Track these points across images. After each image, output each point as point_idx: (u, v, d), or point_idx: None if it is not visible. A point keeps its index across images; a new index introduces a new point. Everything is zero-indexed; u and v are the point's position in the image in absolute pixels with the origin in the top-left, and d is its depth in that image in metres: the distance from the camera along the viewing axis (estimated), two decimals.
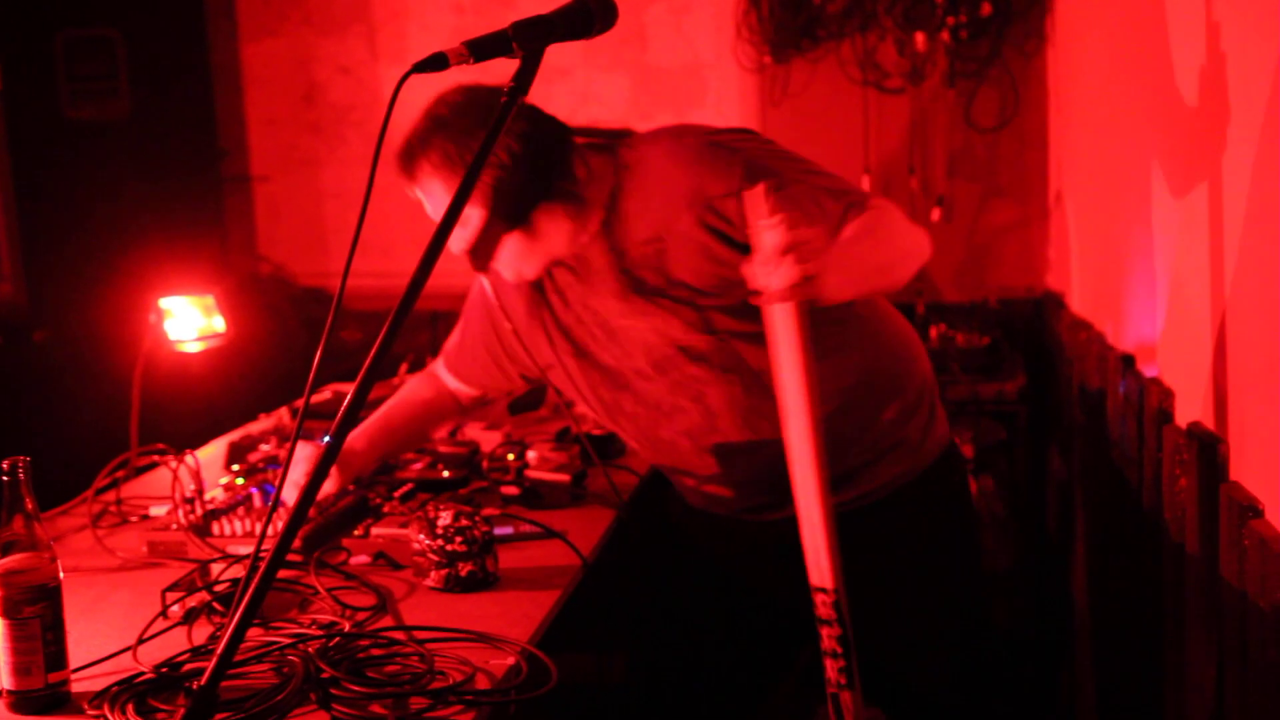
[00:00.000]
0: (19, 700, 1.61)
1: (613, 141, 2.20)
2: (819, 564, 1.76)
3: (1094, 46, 3.15)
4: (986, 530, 3.78)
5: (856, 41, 4.31)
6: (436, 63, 1.54)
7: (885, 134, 4.35)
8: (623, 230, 2.14)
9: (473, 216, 2.09)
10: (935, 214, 4.36)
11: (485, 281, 2.37)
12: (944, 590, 2.31)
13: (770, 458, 2.09)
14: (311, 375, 1.55)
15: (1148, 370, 2.33)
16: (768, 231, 1.70)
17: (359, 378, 1.36)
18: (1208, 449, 1.74)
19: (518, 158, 2.06)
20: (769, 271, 1.70)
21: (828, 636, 1.79)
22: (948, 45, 4.20)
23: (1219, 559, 1.66)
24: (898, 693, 2.36)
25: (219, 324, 2.91)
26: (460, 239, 2.11)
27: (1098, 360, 2.78)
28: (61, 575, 1.64)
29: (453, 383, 2.55)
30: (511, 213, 2.08)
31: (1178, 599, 1.94)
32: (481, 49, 1.56)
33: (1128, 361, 2.47)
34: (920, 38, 4.19)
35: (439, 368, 2.57)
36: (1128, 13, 2.55)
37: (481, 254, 2.14)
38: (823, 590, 1.77)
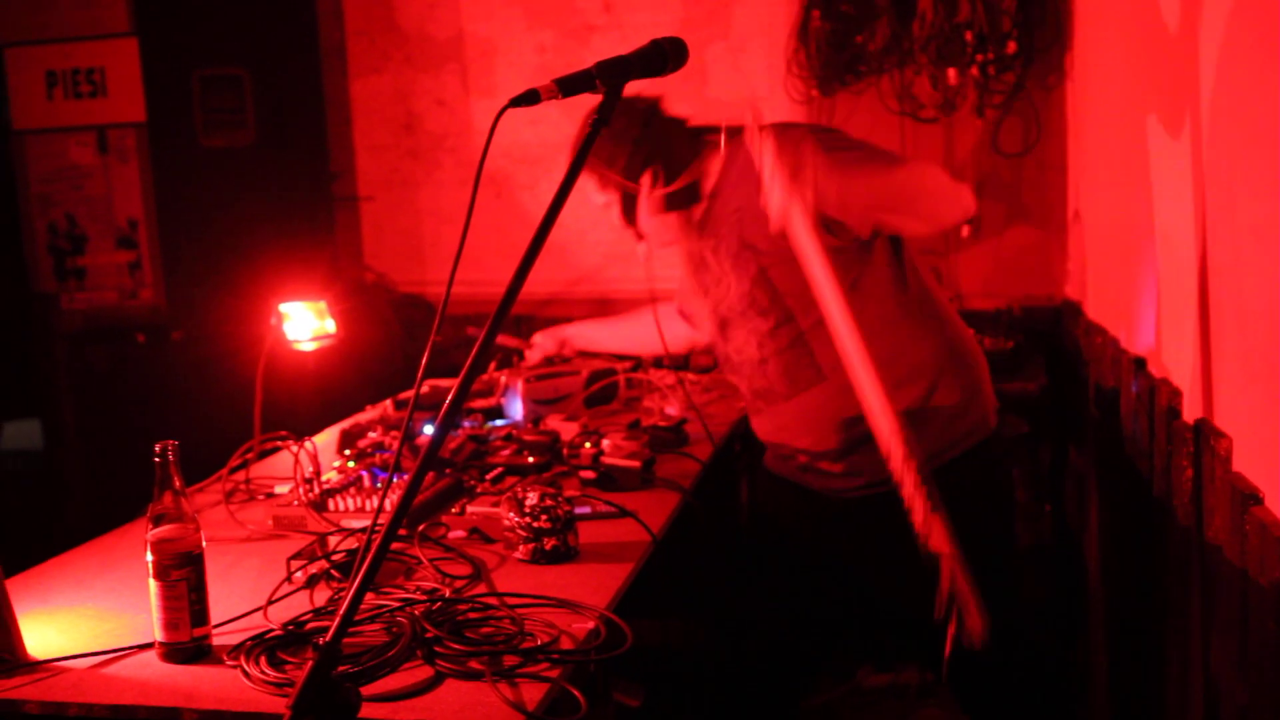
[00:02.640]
0: (169, 651, 1.66)
1: (725, 132, 2.38)
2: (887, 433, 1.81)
3: (1108, 81, 3.12)
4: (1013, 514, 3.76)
5: (895, 76, 4.29)
6: (529, 98, 1.55)
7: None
8: (720, 203, 2.34)
9: (612, 204, 2.37)
10: (965, 231, 4.33)
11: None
12: (978, 568, 2.30)
13: (805, 408, 2.16)
14: (421, 371, 1.57)
15: (1157, 371, 2.31)
16: (763, 158, 1.82)
17: (464, 370, 1.37)
18: (1212, 443, 1.73)
19: (660, 172, 2.33)
20: (771, 191, 1.83)
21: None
22: (977, 80, 4.17)
23: (1222, 542, 1.66)
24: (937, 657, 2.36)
25: (330, 326, 2.94)
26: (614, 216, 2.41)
27: (1112, 362, 2.76)
28: (204, 544, 1.68)
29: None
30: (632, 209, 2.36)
31: (1183, 577, 1.93)
32: (569, 86, 1.57)
33: (1139, 364, 2.45)
34: (952, 73, 4.17)
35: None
36: (1138, 52, 2.53)
37: (632, 231, 2.42)
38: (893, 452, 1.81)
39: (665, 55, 1.63)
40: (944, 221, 2.18)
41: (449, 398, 1.36)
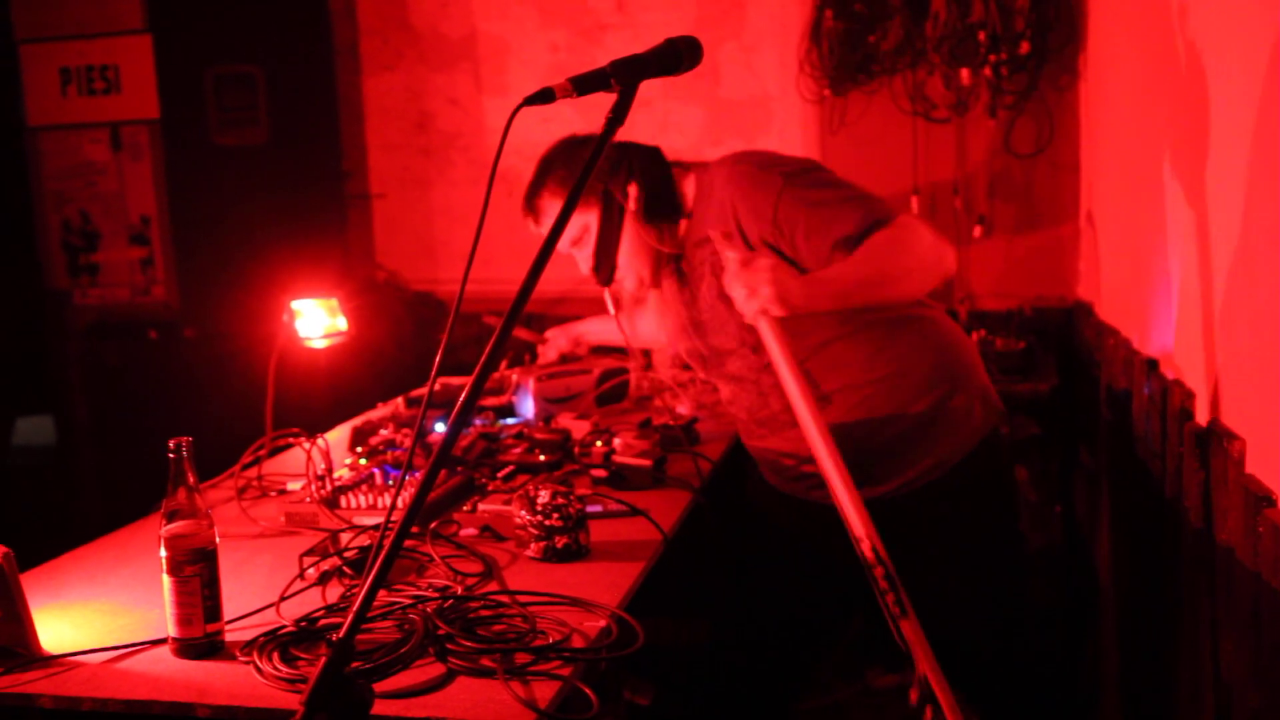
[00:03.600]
0: (182, 646, 1.66)
1: (693, 166, 2.37)
2: (855, 523, 1.88)
3: (1121, 82, 3.12)
4: (1021, 514, 3.76)
5: (907, 76, 4.28)
6: (544, 96, 1.54)
7: (933, 159, 4.33)
8: (691, 236, 2.31)
9: (590, 227, 2.30)
10: (977, 231, 4.32)
11: None
12: (985, 569, 2.30)
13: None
14: (434, 370, 1.57)
15: (1169, 373, 2.30)
16: (729, 263, 1.94)
17: (477, 369, 1.37)
18: (1225, 445, 1.73)
19: (644, 183, 2.28)
20: (736, 298, 1.93)
21: (881, 577, 1.89)
22: (990, 80, 4.16)
23: (1234, 544, 1.65)
24: (945, 662, 2.36)
25: (342, 323, 2.94)
26: (584, 259, 2.34)
27: (1124, 363, 2.75)
28: (218, 540, 1.69)
29: None
30: (653, 218, 2.30)
31: (1195, 580, 1.92)
32: (583, 84, 1.56)
33: (1151, 365, 2.44)
34: (965, 73, 4.16)
35: None
36: (1151, 52, 2.52)
37: (604, 267, 2.33)
38: (861, 540, 1.89)
39: (680, 54, 1.63)
40: (919, 294, 2.19)
41: (461, 396, 1.36)
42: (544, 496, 2.05)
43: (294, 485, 2.51)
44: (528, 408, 3.02)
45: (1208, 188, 1.96)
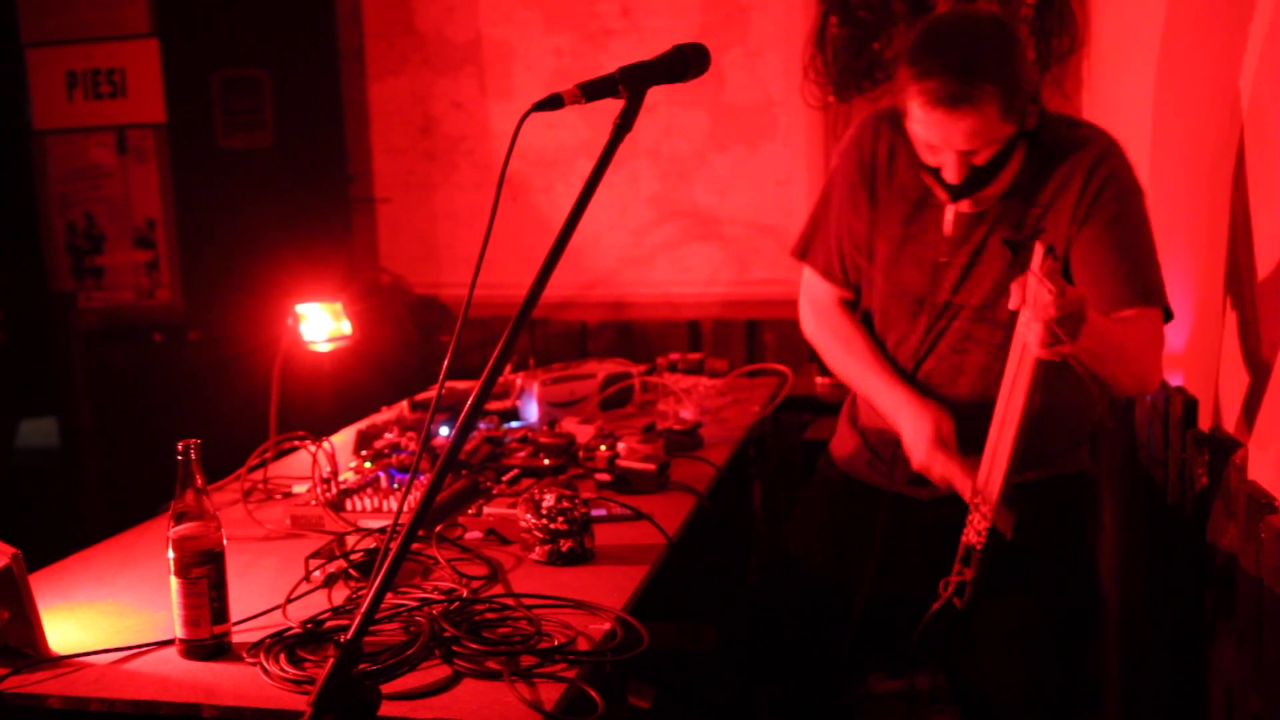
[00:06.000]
0: (189, 648, 1.67)
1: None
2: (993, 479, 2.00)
3: (1126, 88, 3.13)
4: None
5: None
6: (553, 102, 1.55)
7: None
8: (1029, 190, 2.16)
9: (1002, 138, 2.03)
10: None
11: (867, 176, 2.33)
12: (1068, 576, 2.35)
13: (980, 427, 2.11)
14: (443, 373, 1.58)
15: (1173, 379, 2.31)
16: (1041, 292, 1.72)
17: (484, 375, 1.38)
18: (1228, 451, 1.74)
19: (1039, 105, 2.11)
20: (1029, 323, 1.78)
21: (974, 530, 2.03)
22: None
23: (1237, 550, 1.66)
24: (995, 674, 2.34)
25: (346, 327, 2.95)
26: (958, 167, 2.06)
27: None
28: (225, 542, 1.70)
29: (833, 290, 2.43)
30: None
31: (1197, 585, 1.93)
32: (591, 90, 1.57)
33: None
34: None
35: (822, 286, 2.43)
36: (1155, 60, 2.53)
37: (983, 183, 2.08)
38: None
39: (688, 60, 1.64)
40: (1116, 392, 2.18)
41: (469, 401, 1.36)
42: (549, 500, 2.06)
43: (299, 488, 2.52)
44: (532, 411, 3.04)
45: (1213, 194, 1.97)
